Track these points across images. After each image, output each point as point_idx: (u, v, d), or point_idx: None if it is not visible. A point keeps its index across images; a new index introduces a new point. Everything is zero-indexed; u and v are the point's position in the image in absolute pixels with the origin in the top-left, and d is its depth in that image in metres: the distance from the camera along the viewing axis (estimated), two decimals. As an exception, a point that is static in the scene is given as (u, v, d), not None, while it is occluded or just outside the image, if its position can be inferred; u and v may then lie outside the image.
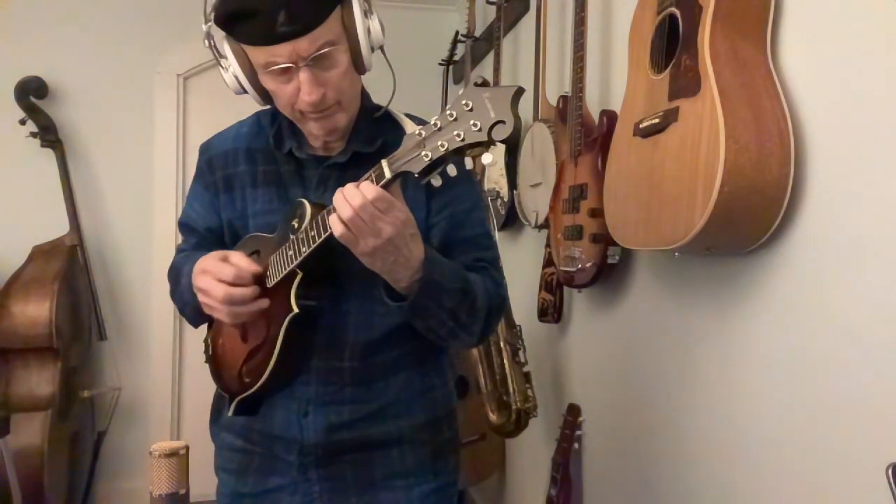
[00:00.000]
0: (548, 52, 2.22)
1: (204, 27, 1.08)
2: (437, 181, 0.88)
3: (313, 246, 0.98)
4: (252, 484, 1.19)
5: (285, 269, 1.03)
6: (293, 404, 1.14)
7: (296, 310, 1.03)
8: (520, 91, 0.83)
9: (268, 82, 1.06)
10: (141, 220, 3.24)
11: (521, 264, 2.44)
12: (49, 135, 3.03)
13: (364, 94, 1.18)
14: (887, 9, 0.99)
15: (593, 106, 1.83)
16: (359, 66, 1.08)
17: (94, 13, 3.18)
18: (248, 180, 1.18)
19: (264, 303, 1.04)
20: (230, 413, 1.15)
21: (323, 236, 0.96)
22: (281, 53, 0.99)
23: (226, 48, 1.07)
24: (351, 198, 0.90)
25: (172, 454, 0.86)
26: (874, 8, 1.02)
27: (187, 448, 0.88)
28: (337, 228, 0.91)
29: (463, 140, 0.83)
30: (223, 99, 3.43)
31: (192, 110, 3.35)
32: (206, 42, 1.10)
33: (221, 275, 1.02)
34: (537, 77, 2.21)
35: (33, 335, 2.65)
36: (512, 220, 2.46)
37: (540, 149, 2.14)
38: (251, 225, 1.17)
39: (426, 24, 3.43)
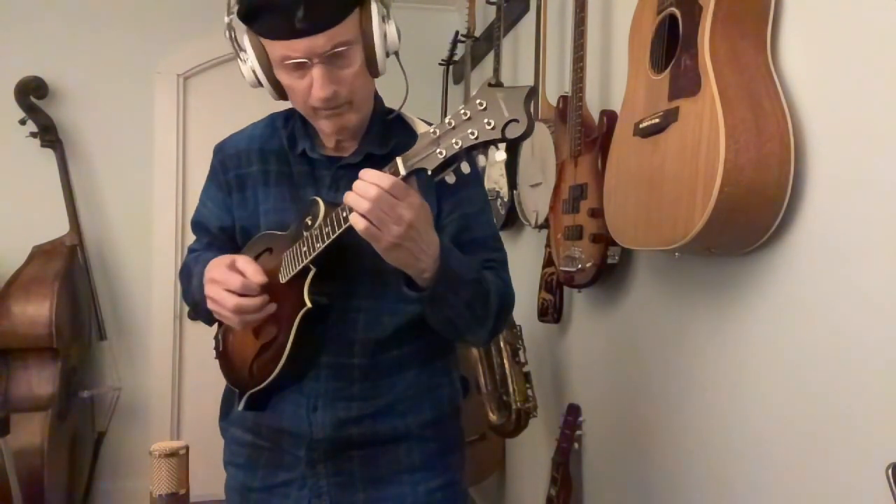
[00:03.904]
0: (548, 52, 2.22)
1: (226, 19, 1.10)
2: (450, 178, 0.89)
3: (327, 242, 0.99)
4: (261, 478, 1.21)
5: (299, 264, 1.04)
6: (302, 400, 1.16)
7: (309, 305, 1.05)
8: (533, 91, 0.84)
9: (283, 77, 1.08)
10: (141, 220, 3.24)
11: (521, 264, 2.44)
12: (49, 135, 3.03)
13: (377, 98, 1.20)
14: (887, 9, 0.99)
15: (593, 106, 1.83)
16: (372, 68, 1.10)
17: (93, 13, 3.18)
18: (261, 180, 1.20)
19: (272, 308, 1.06)
20: (240, 407, 1.16)
21: (337, 232, 0.97)
22: (297, 48, 1.02)
23: (245, 41, 1.10)
24: (365, 192, 0.90)
25: (172, 454, 0.86)
26: (874, 8, 1.02)
27: (187, 448, 0.88)
28: (359, 224, 0.91)
29: (477, 138, 0.84)
30: (223, 99, 3.45)
31: (192, 110, 3.35)
32: (227, 34, 1.12)
33: (228, 285, 1.03)
34: (537, 77, 2.21)
35: (33, 335, 2.65)
36: (512, 220, 2.46)
37: (540, 149, 2.14)
38: (262, 223, 1.18)
39: (426, 24, 3.43)
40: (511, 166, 2.41)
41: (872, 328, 1.02)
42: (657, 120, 1.28)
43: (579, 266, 1.75)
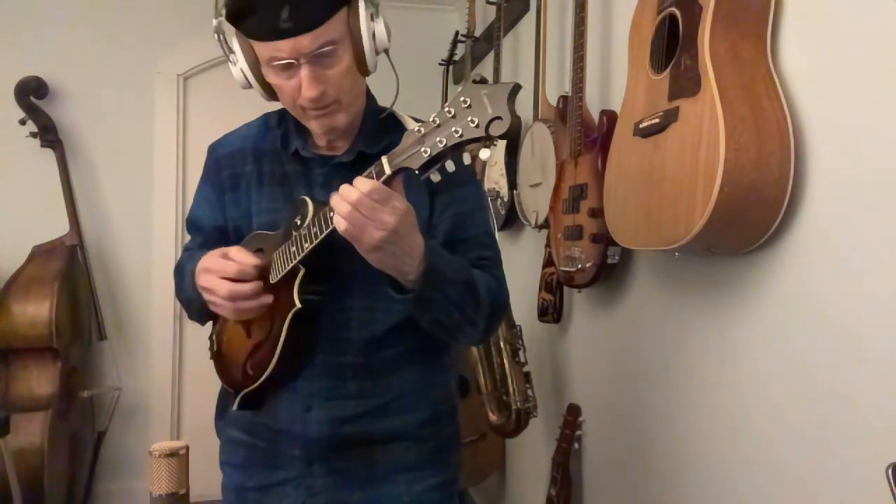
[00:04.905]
0: (548, 52, 2.22)
1: (214, 21, 1.10)
2: (436, 177, 0.90)
3: (315, 242, 1.00)
4: (257, 478, 1.21)
5: (288, 265, 1.05)
6: (297, 399, 1.15)
7: (299, 305, 1.05)
8: (516, 88, 0.84)
9: (271, 77, 1.08)
10: (141, 220, 3.24)
11: (521, 264, 2.44)
12: (49, 135, 3.03)
13: (369, 96, 1.20)
14: (887, 9, 0.99)
15: (593, 106, 1.83)
16: (361, 67, 1.09)
17: (94, 13, 3.18)
18: (255, 179, 1.20)
19: (268, 298, 1.06)
20: (235, 408, 1.17)
21: (325, 232, 0.98)
22: (282, 49, 1.02)
23: (234, 43, 1.09)
24: (347, 195, 0.91)
25: (172, 454, 0.86)
26: (874, 8, 1.02)
27: (187, 448, 0.88)
28: (340, 225, 0.92)
29: (461, 136, 0.84)
30: (223, 99, 3.45)
31: (192, 110, 3.35)
32: (217, 36, 1.12)
33: (224, 272, 1.04)
34: (537, 77, 2.21)
35: (33, 335, 2.65)
36: (512, 220, 2.46)
37: (540, 149, 2.14)
38: (255, 223, 1.18)
39: (426, 24, 3.43)
40: (511, 166, 2.41)
41: (872, 328, 1.02)
42: (657, 120, 1.28)
43: (579, 266, 1.75)
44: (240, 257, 1.06)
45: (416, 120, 1.15)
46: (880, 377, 1.01)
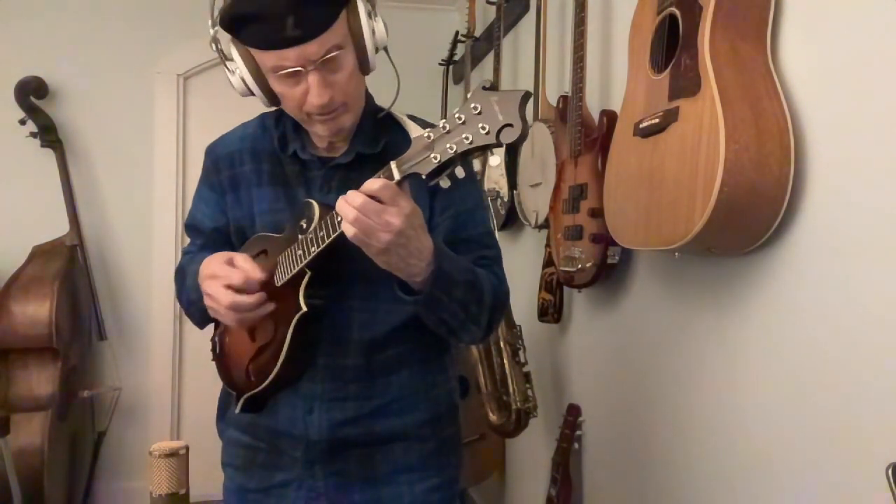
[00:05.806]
0: (548, 52, 2.22)
1: (210, 31, 1.09)
2: (445, 183, 0.89)
3: (322, 246, 0.99)
4: (258, 479, 1.21)
5: (294, 268, 1.05)
6: (298, 401, 1.16)
7: (305, 308, 1.05)
8: (528, 95, 0.84)
9: (276, 85, 1.07)
10: (141, 220, 3.25)
11: (521, 264, 2.44)
12: (49, 135, 3.03)
13: (368, 96, 1.19)
14: (887, 9, 0.99)
15: (593, 106, 1.83)
16: (364, 67, 1.09)
17: (94, 13, 3.18)
18: (254, 180, 1.20)
19: (269, 307, 1.06)
20: (237, 410, 1.17)
21: (332, 236, 0.97)
22: (289, 57, 1.01)
23: (232, 51, 1.08)
24: (352, 199, 0.91)
25: (172, 454, 0.86)
26: (875, 8, 1.02)
27: (187, 448, 0.88)
28: (348, 230, 0.92)
29: (472, 143, 0.84)
30: (223, 99, 3.45)
31: (192, 110, 3.35)
32: (213, 45, 1.10)
33: (229, 280, 1.03)
34: (537, 77, 2.21)
35: (33, 335, 2.65)
36: (512, 220, 2.46)
37: (540, 149, 2.14)
38: (258, 224, 1.18)
39: (426, 24, 3.43)
40: (511, 166, 2.41)
41: (872, 328, 1.02)
42: (657, 120, 1.28)
43: (579, 266, 1.75)
44: (245, 267, 1.04)
45: (413, 119, 1.15)
46: (880, 377, 1.01)
